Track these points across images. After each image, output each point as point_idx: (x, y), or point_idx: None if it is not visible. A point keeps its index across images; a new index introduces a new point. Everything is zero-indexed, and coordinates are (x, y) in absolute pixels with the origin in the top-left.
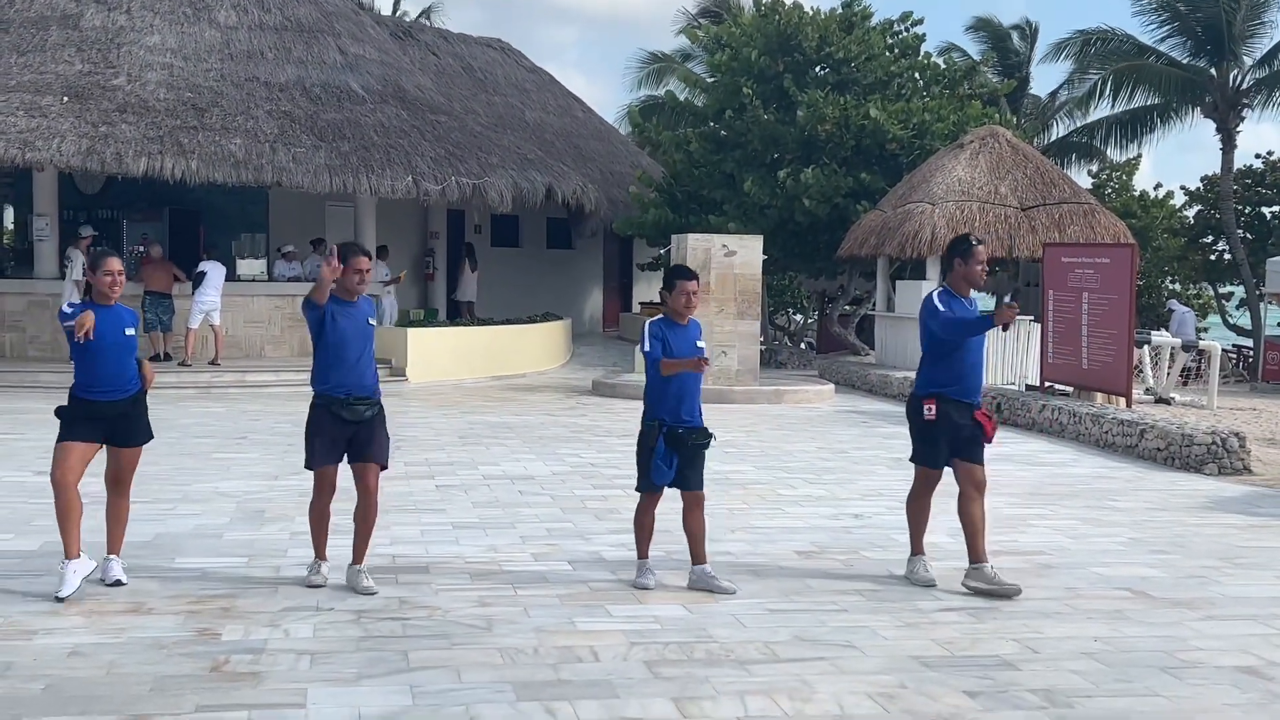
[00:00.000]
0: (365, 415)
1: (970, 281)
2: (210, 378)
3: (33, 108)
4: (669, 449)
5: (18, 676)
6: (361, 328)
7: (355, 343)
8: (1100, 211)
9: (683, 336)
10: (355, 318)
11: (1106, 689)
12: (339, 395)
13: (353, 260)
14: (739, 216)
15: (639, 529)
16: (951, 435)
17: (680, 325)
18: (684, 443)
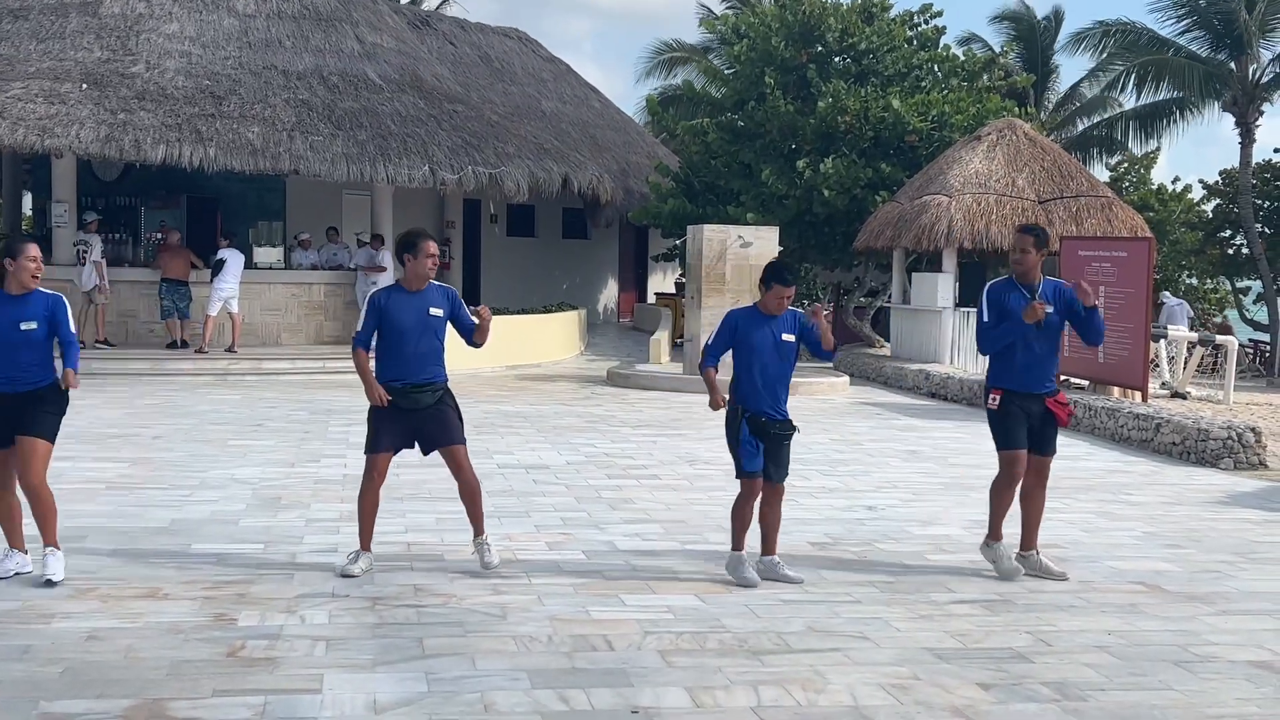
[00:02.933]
0: (426, 403)
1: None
2: (226, 365)
3: (52, 95)
4: (753, 435)
5: (36, 660)
6: (423, 318)
7: (413, 333)
8: (1118, 205)
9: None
10: (417, 308)
11: (1120, 682)
12: (395, 385)
13: (423, 245)
14: (756, 207)
15: (735, 519)
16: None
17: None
18: (766, 431)
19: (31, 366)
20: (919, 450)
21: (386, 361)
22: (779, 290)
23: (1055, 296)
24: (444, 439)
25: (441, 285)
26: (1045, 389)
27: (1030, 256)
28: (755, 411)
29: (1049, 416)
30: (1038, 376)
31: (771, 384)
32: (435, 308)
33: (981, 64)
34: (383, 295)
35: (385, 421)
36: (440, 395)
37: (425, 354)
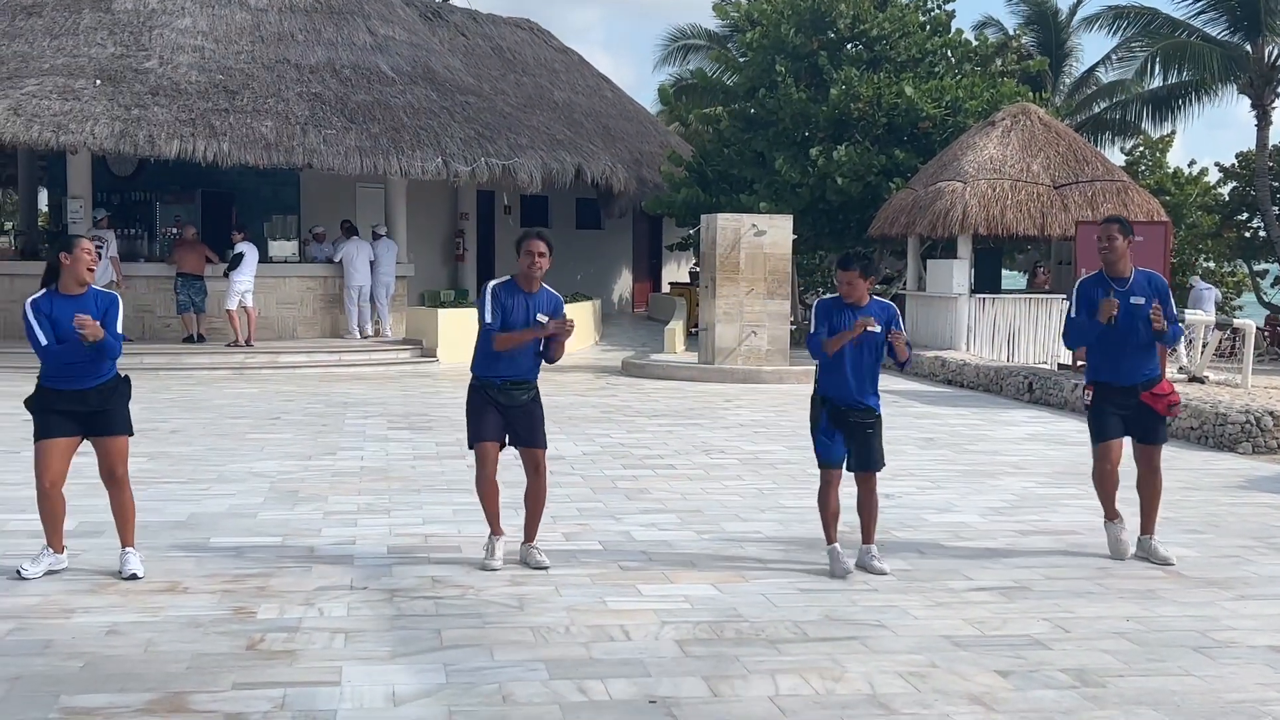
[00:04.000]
0: (520, 400)
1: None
2: (243, 359)
3: (66, 91)
4: (831, 424)
5: (57, 654)
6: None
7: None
8: (1134, 189)
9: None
10: (530, 309)
11: (1139, 668)
12: (494, 381)
13: (527, 244)
14: (770, 195)
15: (820, 510)
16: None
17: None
18: (845, 419)
19: (97, 362)
20: (935, 437)
21: (489, 357)
22: (840, 276)
23: (1148, 287)
24: (530, 440)
25: (546, 289)
26: (1137, 380)
27: (1118, 245)
28: (835, 399)
29: (1144, 409)
30: (1127, 369)
31: (853, 372)
32: (542, 313)
33: (995, 49)
34: (501, 289)
35: (484, 414)
36: (534, 394)
37: (524, 352)
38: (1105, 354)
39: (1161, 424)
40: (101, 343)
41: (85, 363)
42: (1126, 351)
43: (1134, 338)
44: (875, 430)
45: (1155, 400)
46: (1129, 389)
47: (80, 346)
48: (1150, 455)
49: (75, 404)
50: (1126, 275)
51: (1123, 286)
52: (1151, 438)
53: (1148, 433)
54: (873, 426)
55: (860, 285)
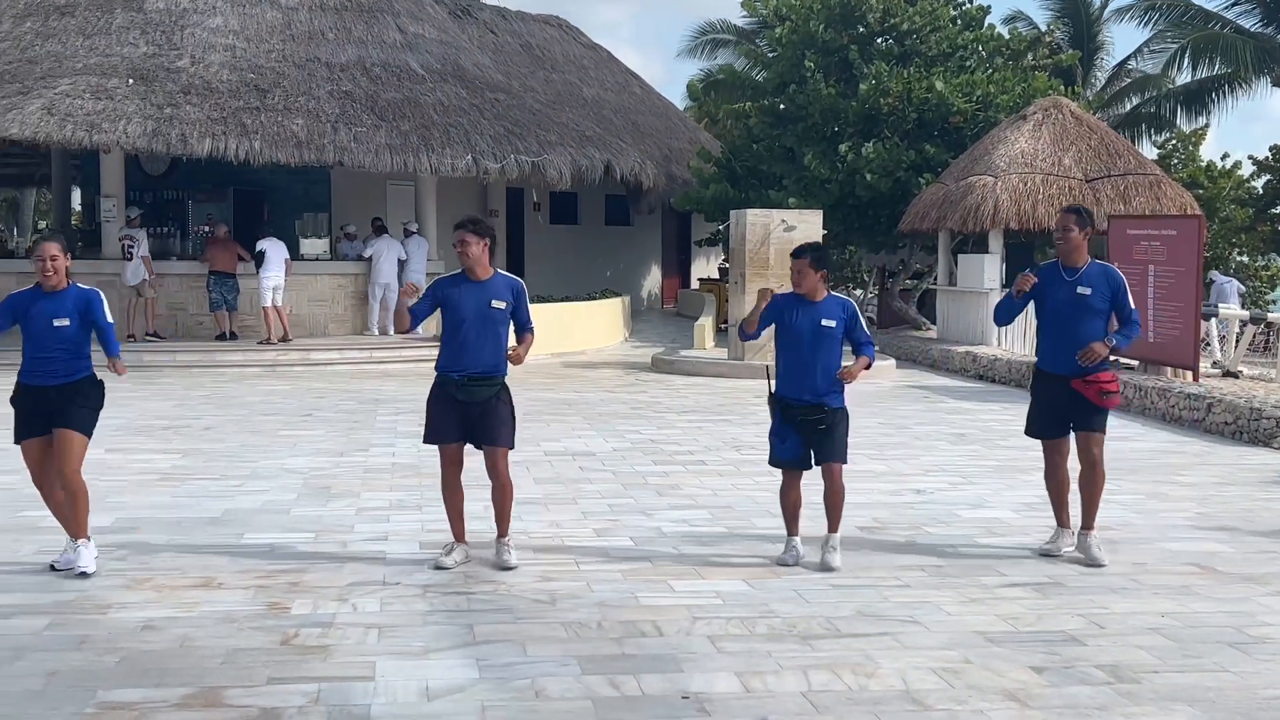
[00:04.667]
0: (481, 396)
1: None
2: (275, 356)
3: (99, 90)
4: (784, 423)
5: (94, 649)
6: (483, 308)
7: (473, 323)
8: (1166, 182)
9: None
10: (479, 297)
11: (1174, 664)
12: (453, 376)
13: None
14: (799, 191)
15: (781, 506)
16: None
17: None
18: (794, 418)
19: (65, 361)
20: (966, 433)
21: (448, 351)
22: (792, 264)
23: (1100, 280)
24: (491, 439)
25: (509, 276)
26: (1067, 370)
27: (1073, 236)
28: (787, 397)
29: (1077, 397)
30: (1066, 358)
31: (806, 369)
32: (498, 300)
33: (1027, 42)
34: (446, 281)
35: (441, 412)
36: (497, 391)
37: (485, 345)
38: (1048, 340)
39: (1097, 413)
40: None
41: (55, 359)
42: (1068, 340)
43: (1077, 327)
44: (830, 426)
45: (1086, 387)
46: (1064, 377)
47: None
48: (1086, 444)
49: (42, 402)
50: (1079, 266)
51: (1072, 276)
52: (1086, 424)
53: (1081, 420)
54: (825, 423)
55: (811, 276)
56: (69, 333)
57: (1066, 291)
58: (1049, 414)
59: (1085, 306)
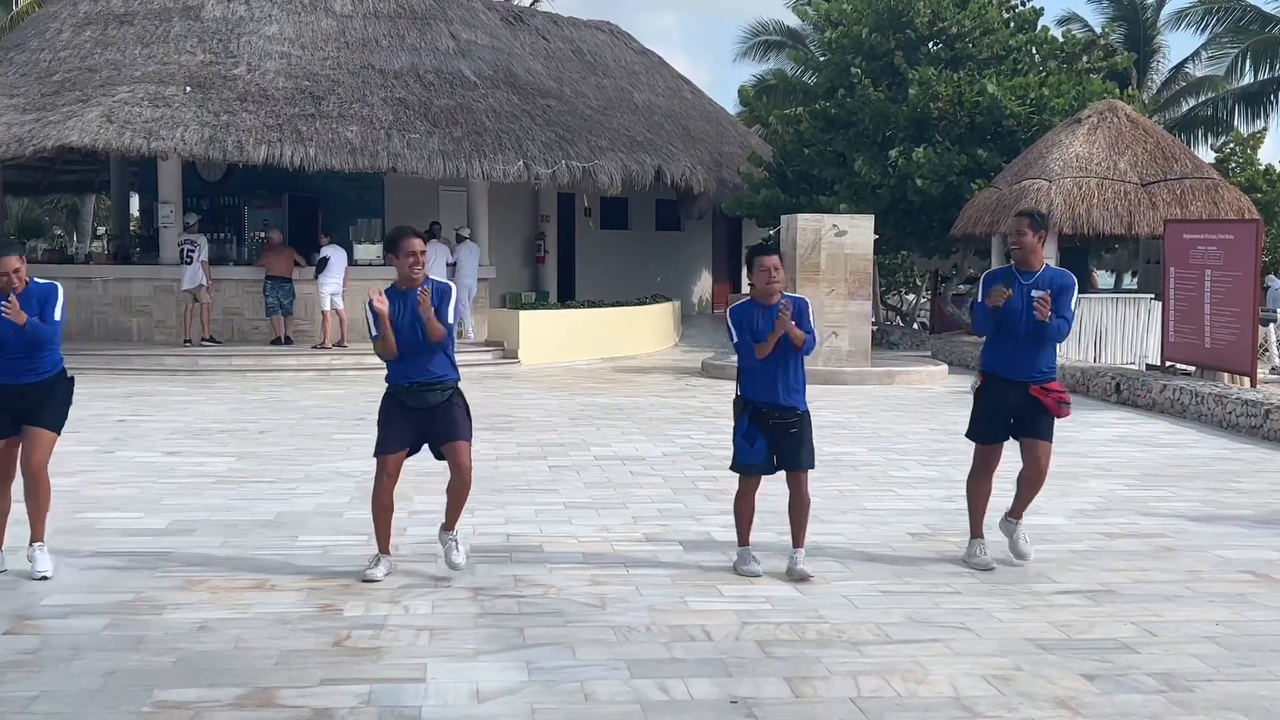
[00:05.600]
0: (434, 402)
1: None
2: (330, 360)
3: (157, 98)
4: (752, 426)
5: (150, 650)
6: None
7: (408, 332)
8: (1224, 186)
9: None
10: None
11: (1228, 673)
12: (402, 385)
13: (403, 243)
14: (850, 197)
15: (735, 514)
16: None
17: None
18: (766, 421)
19: (31, 359)
20: None
21: (395, 362)
22: (761, 262)
23: (1050, 283)
24: (447, 435)
25: (440, 282)
26: (1030, 376)
27: (1027, 239)
28: (756, 401)
29: (1034, 404)
30: (1021, 364)
31: (775, 371)
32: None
33: (1081, 45)
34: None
35: (391, 422)
36: (449, 395)
37: (428, 352)
38: (1001, 346)
39: (1049, 420)
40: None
41: (15, 358)
42: (1022, 345)
43: (1031, 332)
44: (800, 430)
45: (1044, 394)
46: (1019, 384)
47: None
48: (1036, 452)
49: (13, 400)
50: (1035, 269)
51: (1029, 280)
52: (1036, 432)
53: (1035, 428)
54: (796, 426)
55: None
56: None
57: (1020, 293)
58: (996, 418)
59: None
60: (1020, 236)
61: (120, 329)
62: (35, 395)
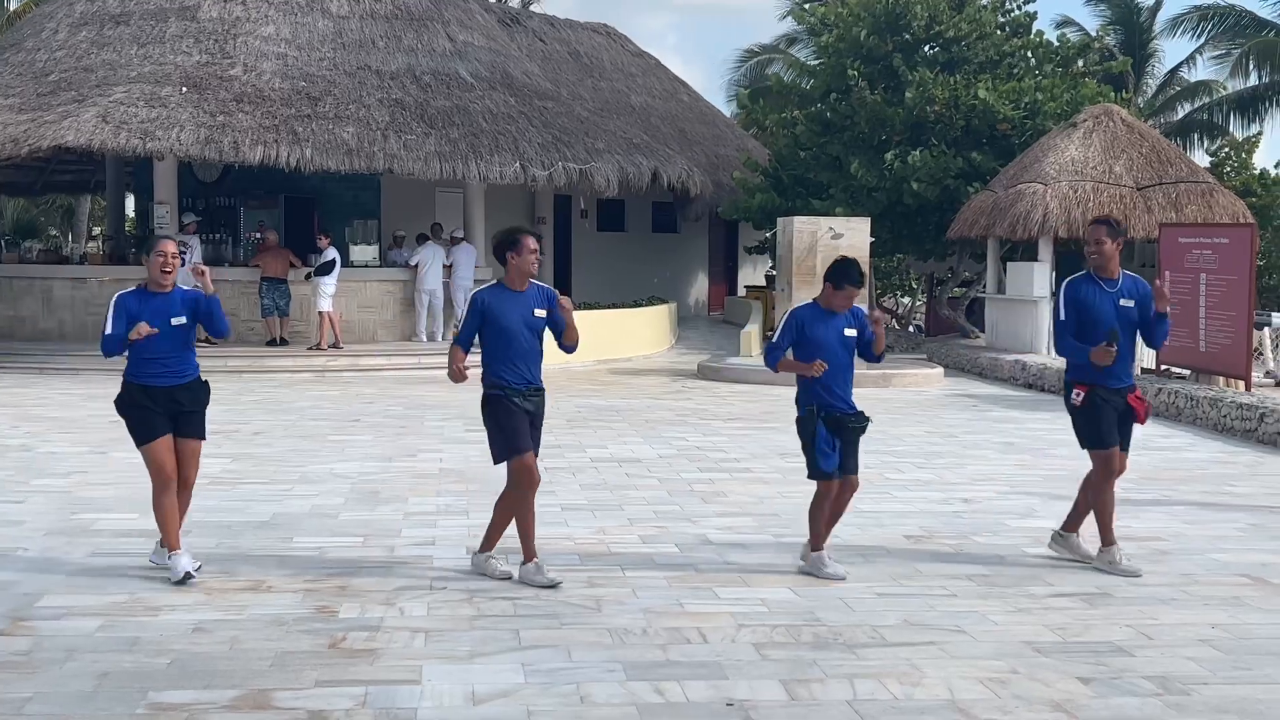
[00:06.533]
0: (541, 406)
1: None
2: (325, 362)
3: (153, 98)
4: (830, 433)
5: (144, 651)
6: (526, 318)
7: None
8: (1219, 191)
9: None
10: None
11: (1224, 676)
12: (518, 388)
13: (524, 240)
14: (845, 200)
15: (813, 520)
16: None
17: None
18: (844, 426)
19: (187, 359)
20: (1015, 442)
21: (500, 365)
22: (850, 292)
23: (1133, 291)
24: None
25: (537, 284)
26: (1126, 383)
27: (1106, 248)
28: (830, 408)
29: (1129, 412)
30: (1119, 371)
31: (841, 379)
32: (538, 308)
33: (1076, 49)
34: (486, 295)
35: (518, 421)
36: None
37: (536, 355)
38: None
39: (1131, 432)
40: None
41: (168, 358)
42: (1121, 354)
43: (1125, 340)
44: (863, 433)
45: (1139, 404)
46: (1119, 391)
47: (161, 342)
48: (1123, 463)
49: (165, 402)
50: (1115, 277)
51: (1112, 288)
52: (1127, 444)
53: (1125, 439)
54: (864, 430)
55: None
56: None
57: (1110, 303)
58: (1111, 421)
59: (1128, 320)
60: (1099, 245)
61: None
62: (188, 398)
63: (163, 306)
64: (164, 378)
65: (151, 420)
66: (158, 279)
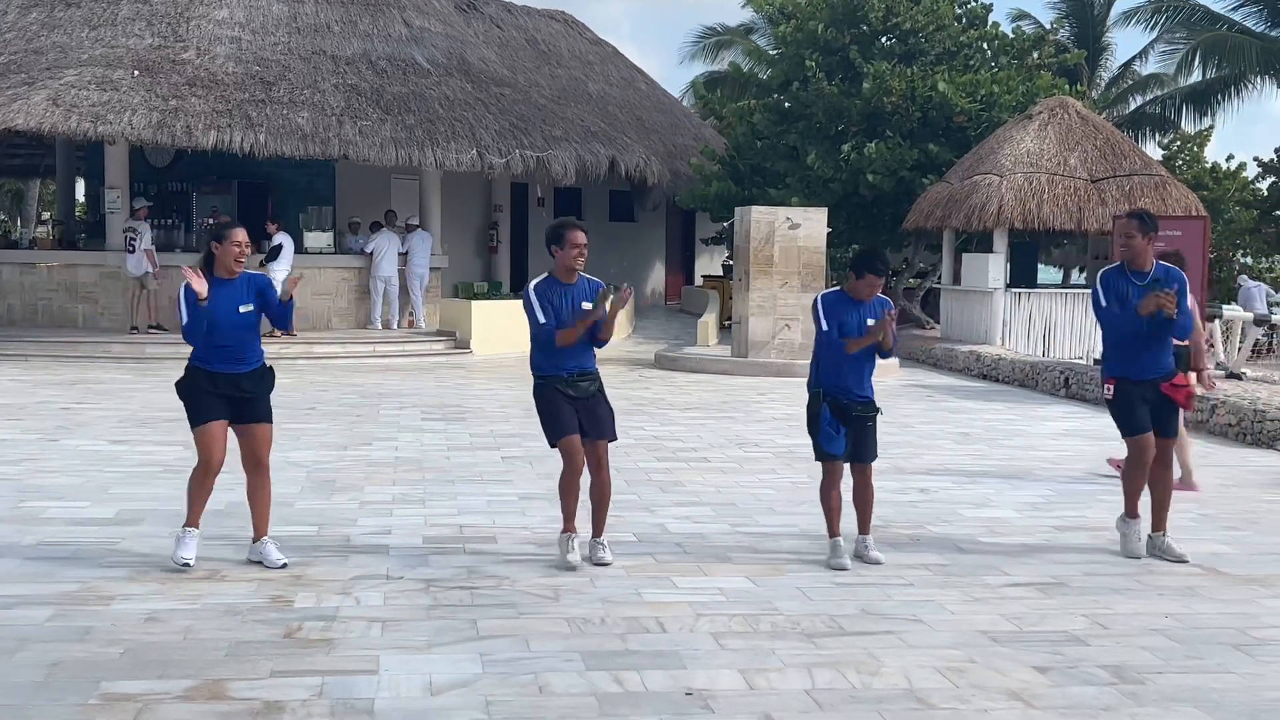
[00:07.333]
0: (589, 392)
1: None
2: (278, 349)
3: (104, 81)
4: (835, 417)
5: (97, 641)
6: (576, 310)
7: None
8: (1171, 183)
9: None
10: (574, 300)
11: (1178, 665)
12: (563, 376)
13: (569, 235)
14: (802, 190)
15: (824, 505)
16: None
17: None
18: (849, 413)
19: (251, 346)
20: (970, 432)
21: (552, 353)
22: (872, 280)
23: (1166, 282)
24: (599, 431)
25: (591, 278)
26: (1159, 374)
27: (1136, 241)
28: (838, 393)
29: (1166, 400)
30: (1149, 363)
31: (858, 366)
32: (586, 301)
33: (1031, 42)
34: (543, 286)
35: (560, 408)
36: (599, 385)
37: (581, 343)
38: (1126, 348)
39: (1177, 417)
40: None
41: (236, 346)
42: (1148, 345)
43: (1155, 331)
44: (874, 422)
45: (1175, 391)
46: (1149, 383)
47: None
48: (1165, 450)
49: (229, 388)
50: (1147, 269)
51: (1143, 280)
52: (1168, 430)
53: (1166, 426)
54: (873, 419)
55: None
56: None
57: (1140, 295)
58: (1141, 408)
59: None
60: (1129, 239)
61: (66, 316)
62: (251, 385)
63: (232, 294)
64: (230, 364)
65: (209, 404)
66: (229, 266)
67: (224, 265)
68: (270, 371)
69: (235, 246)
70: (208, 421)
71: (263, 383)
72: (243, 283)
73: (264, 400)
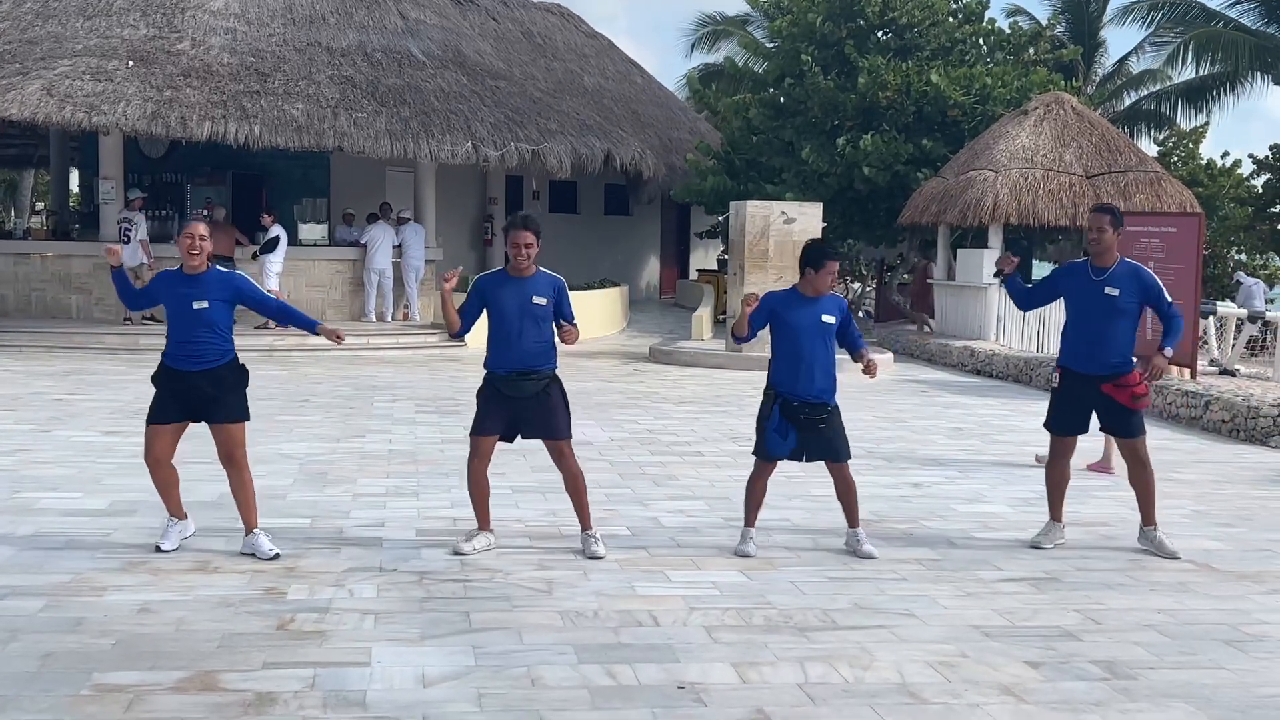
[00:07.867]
0: (530, 391)
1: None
2: (272, 341)
3: (99, 72)
4: (784, 420)
5: (89, 632)
6: (525, 304)
7: (515, 319)
8: (1166, 180)
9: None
10: (520, 294)
11: (1170, 661)
12: (499, 374)
13: (512, 235)
14: (797, 185)
15: (748, 495)
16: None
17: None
18: (797, 416)
19: (208, 344)
20: (964, 427)
21: (493, 349)
22: (832, 268)
23: (1129, 280)
24: (545, 430)
25: (550, 274)
26: (1102, 371)
27: (1107, 236)
28: (789, 395)
29: (1109, 399)
30: (1093, 358)
31: (809, 367)
32: (539, 296)
33: (1027, 37)
34: (489, 279)
35: (487, 407)
36: (546, 384)
37: (530, 341)
38: (1075, 340)
39: (1131, 416)
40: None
41: (190, 342)
42: (1095, 340)
43: (1104, 328)
44: (829, 423)
45: (1118, 391)
46: (1092, 378)
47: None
48: (1132, 449)
49: (187, 387)
50: (1108, 266)
51: (1100, 276)
52: (1124, 431)
53: (1119, 426)
54: (825, 421)
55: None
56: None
57: (1094, 291)
58: (1073, 412)
59: (1112, 307)
60: (1100, 234)
61: (59, 306)
62: (209, 385)
63: (190, 290)
64: (185, 361)
65: (161, 404)
66: (185, 259)
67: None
68: (237, 370)
69: (186, 239)
70: (153, 423)
71: (222, 383)
72: (211, 279)
73: (227, 400)
